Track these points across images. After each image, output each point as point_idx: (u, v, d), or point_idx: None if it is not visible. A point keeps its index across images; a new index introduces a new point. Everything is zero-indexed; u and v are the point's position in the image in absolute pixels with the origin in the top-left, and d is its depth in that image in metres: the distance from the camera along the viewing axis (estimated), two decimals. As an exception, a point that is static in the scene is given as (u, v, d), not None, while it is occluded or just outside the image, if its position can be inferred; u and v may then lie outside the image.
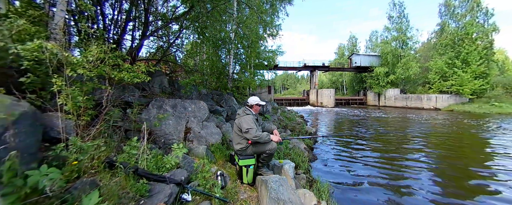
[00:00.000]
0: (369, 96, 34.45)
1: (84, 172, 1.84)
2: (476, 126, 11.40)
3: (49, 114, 2.06)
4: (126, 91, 3.69)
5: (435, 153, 6.18)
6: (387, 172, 4.70)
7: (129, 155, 2.38)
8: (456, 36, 25.40)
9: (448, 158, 5.71)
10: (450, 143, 7.34)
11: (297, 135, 7.14)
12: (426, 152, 6.22)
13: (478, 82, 23.63)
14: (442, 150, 6.47)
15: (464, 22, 25.01)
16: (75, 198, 1.49)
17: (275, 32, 13.21)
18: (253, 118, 2.91)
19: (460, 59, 24.63)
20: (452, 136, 8.74)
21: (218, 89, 9.70)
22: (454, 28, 26.11)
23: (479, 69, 23.66)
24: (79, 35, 3.54)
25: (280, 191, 2.31)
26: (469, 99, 24.09)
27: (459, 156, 5.91)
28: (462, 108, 21.96)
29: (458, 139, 8.08)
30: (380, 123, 12.97)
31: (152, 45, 8.08)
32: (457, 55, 25.03)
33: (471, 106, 22.00)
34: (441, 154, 6.06)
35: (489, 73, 24.12)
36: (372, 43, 41.49)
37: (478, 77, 23.96)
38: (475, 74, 23.91)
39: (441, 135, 8.97)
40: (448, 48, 26.08)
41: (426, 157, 5.77)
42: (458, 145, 7.16)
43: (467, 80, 23.83)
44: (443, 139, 8.04)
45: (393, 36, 31.30)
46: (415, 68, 29.25)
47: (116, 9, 5.23)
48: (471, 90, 23.69)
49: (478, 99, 23.82)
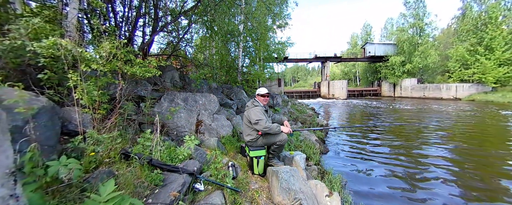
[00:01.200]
0: (384, 86, 33.22)
1: (101, 163, 1.93)
2: (500, 117, 10.75)
3: (67, 109, 2.16)
4: (138, 86, 3.79)
5: (455, 146, 5.89)
6: (402, 165, 4.55)
7: (143, 147, 2.46)
8: (479, 20, 23.70)
9: (470, 151, 5.41)
10: (472, 135, 6.97)
11: (308, 127, 7.07)
12: (445, 145, 5.94)
13: (502, 69, 22.03)
14: (463, 143, 6.15)
15: (488, 5, 23.23)
16: (93, 187, 1.56)
17: (284, 23, 12.95)
18: (262, 110, 2.89)
19: (483, 45, 23.04)
20: (474, 127, 8.30)
21: (228, 83, 9.75)
22: (477, 12, 24.34)
23: (504, 55, 22.02)
24: (92, 32, 3.65)
25: (291, 181, 2.31)
26: (492, 88, 22.61)
27: (482, 149, 5.59)
28: (485, 98, 20.68)
29: (480, 131, 7.67)
30: (395, 115, 12.55)
31: (163, 40, 8.22)
32: (480, 41, 23.43)
33: (494, 96, 20.64)
34: (462, 147, 5.76)
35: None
36: (387, 31, 39.68)
37: (503, 64, 22.34)
38: (499, 61, 22.30)
39: (461, 126, 8.55)
40: (470, 34, 24.44)
41: (445, 150, 5.52)
42: (481, 137, 6.78)
43: (491, 67, 22.29)
44: (464, 131, 7.66)
45: (409, 23, 29.71)
46: (434, 56, 27.75)
47: (126, 6, 5.32)
48: (495, 78, 22.18)
49: (502, 88, 22.30)
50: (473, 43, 23.86)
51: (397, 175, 4.05)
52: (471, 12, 24.93)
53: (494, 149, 5.49)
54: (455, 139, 6.55)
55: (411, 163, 4.65)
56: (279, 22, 13.09)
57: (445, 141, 6.30)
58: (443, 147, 5.77)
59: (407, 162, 4.70)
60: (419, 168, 4.37)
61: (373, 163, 4.69)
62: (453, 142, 6.24)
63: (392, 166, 4.51)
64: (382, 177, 3.99)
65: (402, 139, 6.72)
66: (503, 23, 22.64)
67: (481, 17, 23.59)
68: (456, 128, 8.11)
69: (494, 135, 7.03)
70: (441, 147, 5.73)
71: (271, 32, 13.43)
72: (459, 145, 5.94)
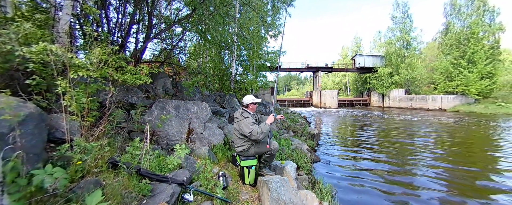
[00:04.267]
0: (373, 97, 34.14)
1: (88, 172, 1.88)
2: (483, 127, 11.21)
3: (54, 116, 2.11)
4: (129, 93, 3.74)
5: (441, 156, 6.07)
6: (391, 175, 4.63)
7: (132, 156, 2.41)
8: (462, 35, 25.10)
9: (456, 161, 5.59)
10: (458, 146, 7.21)
11: (299, 137, 7.11)
12: (432, 155, 6.11)
13: (484, 82, 23.27)
14: (449, 153, 6.36)
15: (470, 21, 24.72)
16: (79, 197, 1.52)
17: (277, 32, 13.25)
18: (252, 119, 2.88)
19: (466, 59, 24.32)
20: (460, 138, 8.60)
21: (220, 91, 9.75)
22: (459, 28, 25.83)
23: (485, 69, 23.32)
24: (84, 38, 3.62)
25: (282, 191, 2.31)
26: (475, 99, 23.71)
27: (467, 158, 5.78)
28: (468, 109, 21.60)
29: (465, 141, 7.95)
30: (384, 125, 12.84)
31: (156, 47, 8.19)
32: (463, 55, 24.74)
33: (477, 107, 21.62)
34: (448, 157, 5.94)
35: (496, 73, 23.73)
36: (375, 43, 41.26)
37: (484, 77, 23.61)
38: (481, 74, 23.56)
39: (447, 136, 8.84)
40: (454, 48, 25.79)
41: (432, 160, 5.66)
42: (466, 147, 7.03)
43: (473, 80, 23.49)
44: (450, 141, 7.92)
45: (397, 36, 31.11)
46: (419, 68, 29.00)
47: (120, 12, 5.32)
48: (477, 90, 23.34)
49: (484, 100, 23.42)
50: (456, 57, 25.15)
51: (386, 186, 4.11)
52: (454, 27, 26.42)
53: (477, 158, 5.69)
54: (442, 149, 6.75)
55: (400, 173, 4.74)
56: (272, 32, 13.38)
57: (432, 151, 6.48)
58: (431, 156, 5.93)
59: (396, 173, 4.79)
60: (409, 178, 4.46)
61: (364, 173, 4.75)
62: (441, 152, 6.43)
63: (382, 176, 4.58)
64: (371, 188, 4.03)
65: (392, 149, 6.86)
66: (484, 38, 24.06)
67: (463, 33, 25.00)
68: (442, 139, 8.36)
69: (477, 145, 7.29)
70: (429, 156, 5.89)
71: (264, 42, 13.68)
72: (446, 154, 6.13)
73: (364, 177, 4.52)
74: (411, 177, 4.49)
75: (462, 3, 26.01)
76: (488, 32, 24.07)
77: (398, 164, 5.31)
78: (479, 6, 24.52)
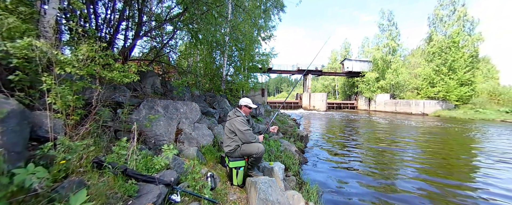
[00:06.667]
0: (360, 100, 35.12)
1: (72, 172, 1.83)
2: (462, 132, 11.82)
3: (38, 113, 2.04)
4: (117, 91, 3.67)
5: (423, 158, 6.36)
6: (376, 176, 4.80)
7: (118, 156, 2.37)
8: (444, 44, 26.41)
9: (435, 162, 5.89)
10: (438, 149, 7.57)
11: (288, 138, 7.20)
12: (414, 157, 6.39)
13: (463, 88, 24.57)
14: (430, 155, 6.67)
15: (451, 31, 26.09)
16: (62, 197, 1.48)
17: (269, 34, 13.37)
18: (245, 119, 2.97)
19: (447, 66, 25.59)
20: (440, 141, 9.02)
21: (211, 91, 9.69)
22: (441, 37, 27.18)
23: (464, 76, 24.63)
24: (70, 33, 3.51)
25: (269, 192, 2.35)
26: (455, 105, 24.97)
27: (446, 161, 6.09)
28: (448, 114, 22.69)
29: (445, 145, 8.35)
30: (370, 128, 13.24)
31: (145, 45, 8.05)
32: (444, 63, 26.00)
33: (457, 112, 22.77)
34: (429, 159, 6.24)
35: (474, 80, 25.12)
36: (363, 49, 42.55)
37: (464, 84, 24.93)
38: (461, 81, 24.88)
39: (429, 140, 9.25)
40: (436, 56, 27.06)
41: (414, 161, 5.93)
42: (445, 151, 7.38)
43: (453, 86, 24.77)
44: (431, 144, 8.30)
45: (383, 43, 32.29)
46: (404, 74, 30.20)
47: (109, 8, 5.19)
48: (457, 96, 24.61)
49: (463, 105, 24.69)
50: (439, 64, 26.40)
51: (371, 186, 4.26)
52: (436, 36, 27.77)
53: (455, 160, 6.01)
54: (424, 151, 7.06)
55: (384, 175, 4.92)
56: (264, 34, 13.48)
57: (414, 153, 6.76)
58: (413, 158, 6.19)
59: (381, 175, 4.96)
60: (392, 180, 4.63)
61: (349, 174, 4.89)
62: (422, 154, 6.73)
63: (367, 177, 4.75)
64: (357, 189, 4.16)
65: (377, 151, 7.10)
66: (464, 47, 25.45)
67: (445, 41, 26.31)
68: (424, 142, 8.75)
69: (455, 148, 7.68)
70: (412, 158, 6.15)
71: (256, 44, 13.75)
72: (427, 157, 6.42)
73: (350, 178, 4.66)
74: (396, 178, 4.68)
75: (444, 13, 27.41)
76: (468, 41, 25.49)
77: (383, 166, 5.51)
78: (460, 16, 25.94)
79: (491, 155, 6.71)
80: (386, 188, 4.21)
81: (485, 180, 4.64)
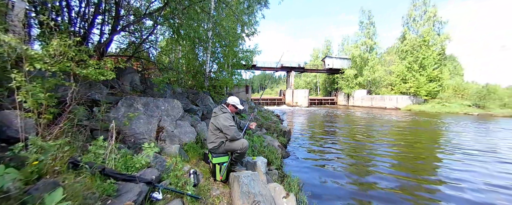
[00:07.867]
0: (340, 96, 36.58)
1: (45, 173, 1.76)
2: (429, 124, 12.82)
3: (6, 112, 1.92)
4: (92, 88, 3.51)
5: (396, 148, 6.85)
6: (354, 167, 5.11)
7: (95, 155, 2.31)
8: (415, 43, 28.22)
9: (407, 152, 6.40)
10: (408, 139, 8.19)
11: (272, 134, 7.35)
12: (389, 148, 6.86)
13: (432, 84, 26.61)
14: (402, 145, 7.21)
15: (422, 30, 27.94)
16: (35, 199, 1.43)
17: (253, 30, 13.36)
18: (230, 116, 3.01)
19: (418, 63, 27.45)
20: (410, 133, 9.73)
21: (194, 88, 9.54)
22: (414, 36, 29.01)
23: (433, 73, 26.62)
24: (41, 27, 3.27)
25: (251, 185, 2.43)
26: (425, 99, 26.94)
27: (416, 151, 6.61)
28: (418, 108, 24.49)
29: (415, 136, 9.02)
30: (349, 122, 13.87)
31: (123, 40, 7.66)
32: (416, 60, 27.84)
33: (426, 106, 24.64)
34: (401, 149, 6.75)
35: (442, 76, 27.23)
36: (343, 47, 44.05)
37: (433, 80, 26.96)
38: (430, 77, 26.88)
39: (401, 132, 9.94)
40: (408, 54, 28.86)
41: (389, 152, 6.38)
42: (415, 141, 8.00)
43: (423, 82, 26.70)
44: (403, 136, 8.94)
45: (361, 41, 33.73)
46: (380, 71, 31.88)
47: (83, 1, 4.89)
48: (426, 91, 26.63)
49: (431, 100, 26.73)
50: (411, 61, 28.21)
51: (349, 177, 4.52)
52: (409, 35, 29.59)
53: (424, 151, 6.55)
54: (397, 142, 7.58)
55: (361, 166, 5.23)
56: (248, 30, 13.44)
57: (389, 144, 7.24)
58: (388, 149, 6.64)
59: (357, 166, 5.28)
60: (369, 171, 4.94)
61: (329, 167, 5.15)
62: (395, 144, 7.22)
63: (346, 168, 5.03)
64: (335, 179, 4.40)
65: (354, 143, 7.51)
66: (433, 45, 27.42)
67: (417, 40, 28.14)
68: (396, 133, 9.38)
69: (424, 139, 8.35)
70: (386, 149, 6.59)
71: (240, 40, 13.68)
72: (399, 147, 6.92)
73: (330, 170, 4.92)
74: (372, 169, 5.00)
75: (416, 14, 29.22)
76: (437, 40, 27.49)
77: (360, 158, 5.86)
78: (430, 17, 27.85)
79: (457, 147, 7.35)
80: (361, 179, 4.49)
81: (449, 174, 4.97)
